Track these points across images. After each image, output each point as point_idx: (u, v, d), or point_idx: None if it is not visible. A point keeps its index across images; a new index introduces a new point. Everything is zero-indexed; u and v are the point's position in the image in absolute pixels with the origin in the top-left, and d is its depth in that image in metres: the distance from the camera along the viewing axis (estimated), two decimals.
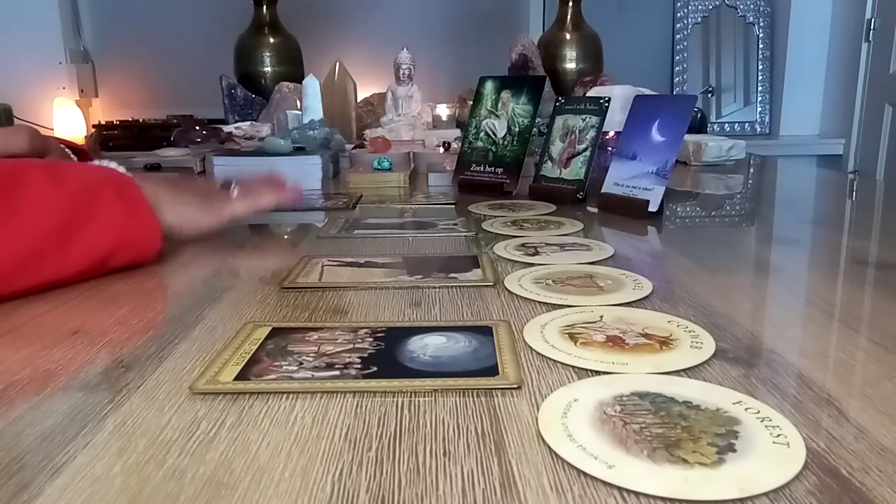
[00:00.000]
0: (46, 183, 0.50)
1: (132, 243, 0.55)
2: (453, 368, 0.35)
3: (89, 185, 0.53)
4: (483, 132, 0.99)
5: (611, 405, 0.30)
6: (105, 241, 0.52)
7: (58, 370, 0.35)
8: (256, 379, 0.34)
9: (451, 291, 0.49)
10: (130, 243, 0.54)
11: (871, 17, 2.09)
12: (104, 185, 0.54)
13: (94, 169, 0.57)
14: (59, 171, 0.53)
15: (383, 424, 0.29)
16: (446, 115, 1.55)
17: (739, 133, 2.35)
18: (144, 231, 0.55)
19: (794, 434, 0.27)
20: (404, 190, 0.99)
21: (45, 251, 0.49)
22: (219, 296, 0.48)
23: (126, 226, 0.54)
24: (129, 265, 0.55)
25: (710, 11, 2.38)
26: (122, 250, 0.54)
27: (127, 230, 0.54)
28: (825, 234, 0.74)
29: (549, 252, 0.60)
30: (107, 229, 0.52)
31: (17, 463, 0.26)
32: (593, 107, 0.86)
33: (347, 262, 0.57)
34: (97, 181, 0.54)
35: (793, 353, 0.37)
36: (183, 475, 0.25)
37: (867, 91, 2.12)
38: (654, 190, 0.75)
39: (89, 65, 2.21)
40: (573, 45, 1.86)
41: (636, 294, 0.47)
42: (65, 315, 0.45)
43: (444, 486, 0.24)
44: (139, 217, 0.55)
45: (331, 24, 2.19)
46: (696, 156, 1.24)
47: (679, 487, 0.24)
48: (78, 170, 0.56)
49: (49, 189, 0.50)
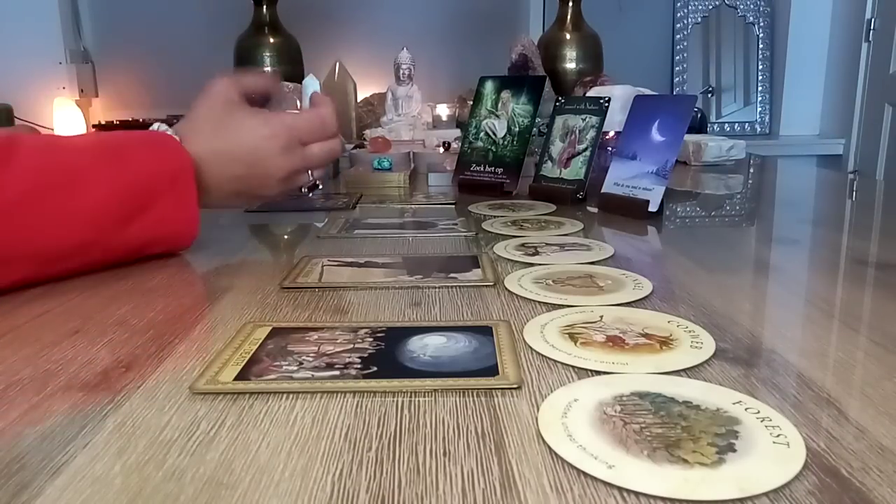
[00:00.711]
0: (110, 171, 0.51)
1: (172, 238, 0.57)
2: (453, 368, 0.35)
3: (148, 177, 0.53)
4: (483, 132, 0.99)
5: (611, 405, 0.30)
6: (147, 236, 0.54)
7: (58, 370, 0.35)
8: (256, 379, 0.34)
9: (451, 291, 0.49)
10: (170, 238, 0.57)
11: (871, 17, 2.09)
12: (161, 178, 0.54)
13: (153, 155, 0.55)
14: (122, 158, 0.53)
15: (383, 424, 0.29)
16: (446, 115, 1.55)
17: (739, 133, 2.35)
18: (186, 227, 0.57)
19: (794, 434, 0.27)
20: (404, 190, 0.99)
21: (96, 242, 0.51)
22: (219, 296, 0.48)
23: (171, 222, 0.55)
24: (163, 252, 0.57)
25: (710, 11, 2.38)
26: (160, 244, 0.56)
27: (171, 226, 0.55)
28: (825, 234, 0.74)
29: (549, 252, 0.60)
30: (153, 225, 0.54)
31: (17, 463, 0.26)
32: (593, 107, 0.86)
33: (347, 262, 0.57)
34: (156, 172, 0.54)
35: (793, 353, 0.37)
36: (183, 475, 0.25)
37: (867, 91, 2.12)
38: (654, 190, 0.75)
39: (89, 65, 2.21)
40: (573, 45, 1.86)
41: (636, 294, 0.47)
42: (65, 315, 0.45)
43: (444, 486, 0.24)
44: (184, 214, 0.56)
45: (331, 24, 2.19)
46: (696, 156, 1.24)
47: (679, 487, 0.24)
48: (140, 155, 0.54)
49: (111, 178, 0.51)
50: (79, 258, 0.51)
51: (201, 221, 0.58)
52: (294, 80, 1.67)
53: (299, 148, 0.61)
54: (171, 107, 2.07)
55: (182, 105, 2.24)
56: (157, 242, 0.56)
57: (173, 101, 2.13)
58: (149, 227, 0.54)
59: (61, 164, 0.50)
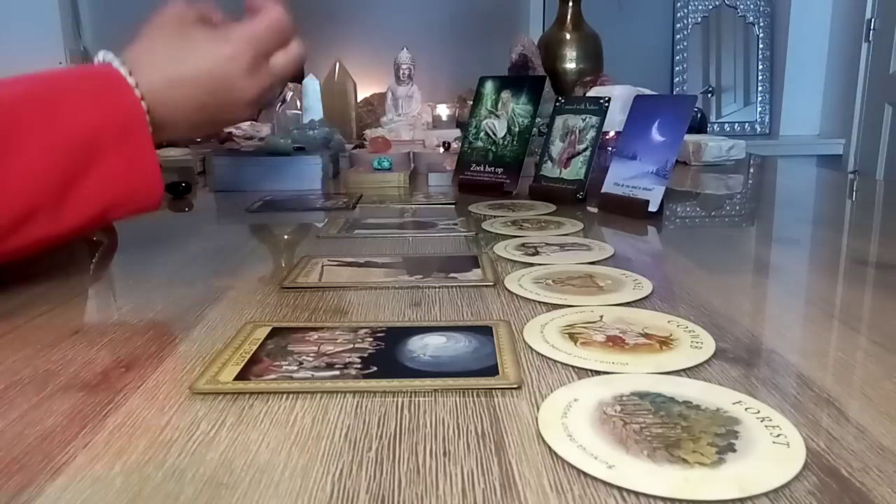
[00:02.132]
0: (43, 129, 0.45)
1: (131, 198, 0.50)
2: (453, 368, 0.35)
3: (90, 131, 0.47)
4: (483, 132, 0.99)
5: (611, 405, 0.30)
6: (102, 199, 0.48)
7: (58, 370, 0.35)
8: (256, 379, 0.34)
9: (451, 291, 0.49)
10: (129, 198, 0.50)
11: (871, 17, 2.09)
12: (106, 132, 0.48)
13: (95, 102, 0.49)
14: (56, 111, 0.47)
15: (383, 424, 0.29)
16: (446, 115, 1.55)
17: (739, 133, 2.35)
18: (145, 184, 0.50)
19: (794, 434, 0.27)
20: (404, 190, 0.99)
21: (39, 209, 0.45)
22: (219, 296, 0.48)
23: (126, 181, 0.49)
24: (130, 217, 0.51)
25: (710, 11, 2.38)
26: (121, 206, 0.50)
27: (126, 185, 0.49)
28: (825, 234, 0.74)
29: (549, 252, 0.60)
30: (104, 186, 0.48)
31: (17, 463, 0.26)
32: (593, 107, 0.86)
33: (347, 262, 0.57)
34: (99, 126, 0.48)
35: (793, 353, 0.37)
36: (183, 475, 0.25)
37: (867, 91, 2.12)
38: (654, 190, 0.75)
39: None
40: (573, 45, 1.86)
41: (636, 294, 0.47)
42: (65, 315, 0.45)
43: (444, 486, 0.24)
44: (141, 170, 0.50)
45: (331, 24, 2.19)
46: (696, 156, 1.24)
47: (679, 487, 0.24)
48: (79, 109, 0.48)
49: (46, 137, 0.45)
50: (25, 232, 0.46)
51: (200, 221, 0.57)
52: (294, 80, 1.67)
53: (265, 63, 0.56)
54: None
55: None
56: (116, 206, 0.49)
57: None
58: (100, 188, 0.47)
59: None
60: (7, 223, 0.45)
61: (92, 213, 0.49)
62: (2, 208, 0.44)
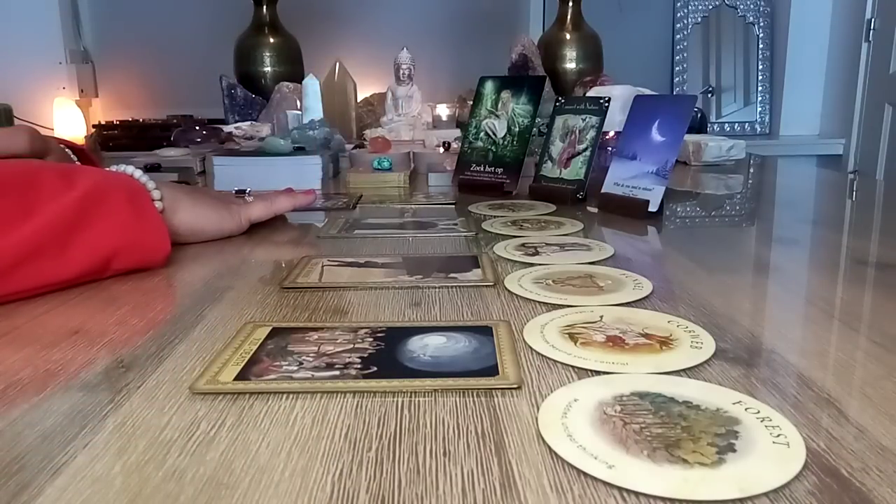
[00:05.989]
0: (59, 185, 0.50)
1: (137, 247, 0.54)
2: (453, 368, 0.35)
3: (100, 188, 0.52)
4: (483, 132, 0.99)
5: (611, 405, 0.30)
6: (107, 244, 0.51)
7: (58, 370, 0.35)
8: (256, 379, 0.34)
9: (451, 291, 0.49)
10: (136, 247, 0.54)
11: (871, 17, 2.09)
12: (115, 190, 0.53)
13: (108, 174, 0.56)
14: (72, 175, 0.52)
15: (383, 424, 0.29)
16: (446, 115, 1.55)
17: (739, 133, 2.35)
18: (151, 236, 0.55)
19: (794, 434, 0.27)
20: (404, 190, 0.99)
21: (45, 250, 0.48)
22: (219, 296, 0.48)
23: (132, 229, 0.53)
24: (137, 269, 0.54)
25: (710, 11, 2.38)
26: (126, 254, 0.53)
27: (132, 234, 0.53)
28: (825, 234, 0.74)
29: (549, 252, 0.60)
30: (110, 232, 0.51)
31: (17, 463, 0.26)
32: (593, 107, 0.86)
33: (347, 262, 0.57)
34: (109, 185, 0.53)
35: (793, 353, 0.37)
36: (183, 475, 0.25)
37: (867, 91, 2.12)
38: (654, 190, 0.75)
39: (89, 65, 2.21)
40: (573, 45, 1.87)
41: (636, 294, 0.47)
42: (65, 315, 0.45)
43: (444, 486, 0.24)
44: (146, 221, 0.55)
45: (331, 24, 2.19)
46: (696, 156, 1.24)
47: (679, 487, 0.24)
48: (92, 174, 0.54)
49: (61, 191, 0.50)
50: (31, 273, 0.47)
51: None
52: (294, 80, 1.67)
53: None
54: (171, 107, 2.07)
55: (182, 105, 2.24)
56: (120, 256, 0.52)
57: (173, 101, 2.13)
58: (102, 237, 0.51)
59: None
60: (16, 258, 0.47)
61: (96, 259, 0.51)
62: (15, 245, 0.46)
